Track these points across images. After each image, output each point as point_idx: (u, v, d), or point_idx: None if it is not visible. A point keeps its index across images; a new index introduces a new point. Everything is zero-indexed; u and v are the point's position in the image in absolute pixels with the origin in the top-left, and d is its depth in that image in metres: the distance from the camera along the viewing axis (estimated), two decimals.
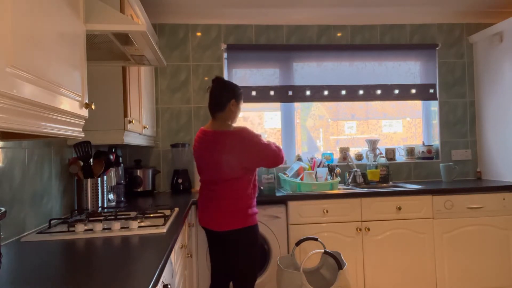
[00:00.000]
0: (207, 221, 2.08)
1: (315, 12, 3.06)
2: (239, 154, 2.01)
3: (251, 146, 2.02)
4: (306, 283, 1.84)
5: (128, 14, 2.06)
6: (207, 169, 2.08)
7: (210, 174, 2.07)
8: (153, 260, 1.10)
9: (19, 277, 1.00)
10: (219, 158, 2.02)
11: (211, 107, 2.13)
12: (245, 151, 2.01)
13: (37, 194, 1.67)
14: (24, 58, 0.91)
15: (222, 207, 2.02)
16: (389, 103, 3.55)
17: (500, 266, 2.68)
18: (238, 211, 2.02)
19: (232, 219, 2.00)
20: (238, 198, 2.03)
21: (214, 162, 2.03)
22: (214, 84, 2.15)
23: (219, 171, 2.03)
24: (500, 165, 3.08)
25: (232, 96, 2.11)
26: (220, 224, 2.02)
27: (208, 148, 2.06)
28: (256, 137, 2.05)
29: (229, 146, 2.01)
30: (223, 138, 2.04)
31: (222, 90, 2.12)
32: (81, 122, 1.33)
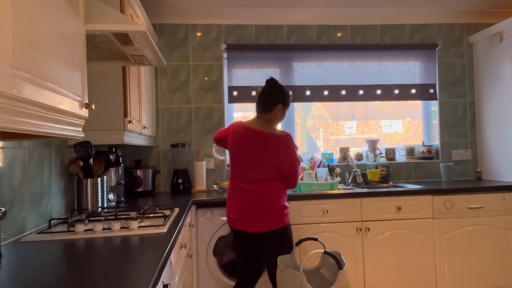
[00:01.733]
0: (243, 224, 2.08)
1: (315, 12, 3.06)
2: (280, 157, 2.06)
3: (291, 154, 2.08)
4: (306, 283, 1.83)
5: (128, 14, 2.06)
6: (245, 166, 2.10)
7: (247, 171, 2.08)
8: (153, 260, 1.10)
9: (19, 277, 1.00)
10: (262, 158, 2.05)
11: (258, 106, 2.16)
12: (285, 157, 2.07)
13: (37, 194, 1.67)
14: (24, 58, 0.91)
15: (261, 207, 2.05)
16: (389, 103, 3.55)
17: (500, 266, 2.68)
18: (277, 211, 2.06)
19: (272, 220, 2.05)
20: (277, 198, 2.07)
21: (256, 161, 2.06)
22: (266, 84, 2.18)
23: (259, 170, 2.06)
24: (500, 165, 3.08)
25: (280, 101, 2.13)
26: (258, 226, 2.05)
27: (250, 146, 2.09)
28: (296, 148, 2.12)
29: (273, 148, 2.06)
30: (268, 139, 2.08)
31: (272, 92, 2.15)
32: (81, 122, 1.33)
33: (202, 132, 3.15)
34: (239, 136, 2.15)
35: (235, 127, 2.20)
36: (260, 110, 2.16)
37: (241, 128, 2.17)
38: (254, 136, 2.11)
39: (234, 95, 3.16)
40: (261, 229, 2.05)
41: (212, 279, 2.47)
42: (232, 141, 2.18)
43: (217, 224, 2.49)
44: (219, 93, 3.18)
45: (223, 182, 2.92)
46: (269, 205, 2.06)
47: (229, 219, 2.18)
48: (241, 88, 3.17)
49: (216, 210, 2.50)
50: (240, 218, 2.10)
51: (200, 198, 2.53)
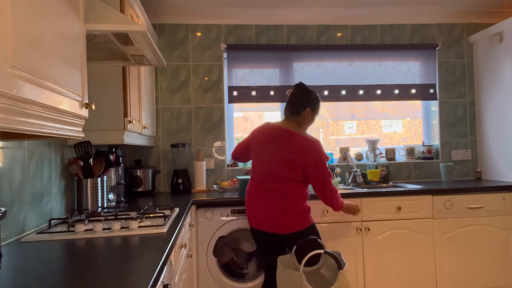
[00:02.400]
0: (263, 223, 2.09)
1: (315, 12, 3.06)
2: (308, 160, 2.06)
3: (319, 160, 2.08)
4: (306, 283, 1.83)
5: (128, 14, 2.06)
6: (270, 163, 2.11)
7: (273, 169, 2.09)
8: (153, 260, 1.10)
9: (19, 277, 1.00)
10: (289, 156, 2.06)
11: (287, 109, 2.20)
12: (312, 161, 2.07)
13: (37, 194, 1.67)
14: (24, 58, 0.91)
15: (282, 208, 2.05)
16: (389, 103, 3.55)
17: (500, 266, 2.68)
18: (297, 213, 2.07)
19: (292, 222, 2.06)
20: (299, 199, 2.08)
21: (283, 158, 2.07)
22: (295, 88, 2.22)
23: (283, 168, 2.06)
24: (500, 165, 3.08)
25: (309, 105, 2.17)
26: (279, 227, 2.06)
27: (278, 142, 2.10)
28: (325, 158, 2.12)
29: (301, 148, 2.06)
30: (297, 139, 2.09)
31: (301, 96, 2.18)
32: (81, 122, 1.33)
33: (202, 132, 3.15)
34: (266, 134, 2.17)
35: (261, 128, 2.24)
36: (289, 113, 2.19)
37: (269, 126, 2.20)
38: (283, 133, 2.13)
39: (234, 95, 3.16)
40: (281, 231, 2.07)
41: (212, 279, 2.47)
42: (257, 140, 2.20)
43: (217, 224, 2.49)
44: (219, 93, 3.18)
45: (223, 182, 2.92)
46: (290, 207, 2.07)
47: (250, 218, 2.18)
48: (241, 88, 3.17)
49: (216, 210, 2.50)
50: (260, 218, 2.11)
51: (200, 198, 2.53)
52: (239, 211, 2.51)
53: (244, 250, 2.63)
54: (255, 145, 2.21)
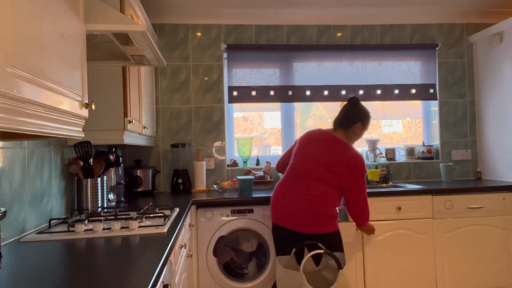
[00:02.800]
0: (291, 222, 2.09)
1: (315, 12, 3.06)
2: (347, 173, 2.08)
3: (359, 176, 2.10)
4: (306, 283, 1.83)
5: (128, 14, 2.06)
6: (309, 162, 2.13)
7: (309, 168, 2.11)
8: (152, 260, 1.10)
9: (19, 277, 1.00)
10: (330, 161, 2.09)
11: (337, 122, 2.23)
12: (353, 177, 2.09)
13: (37, 194, 1.67)
14: (24, 58, 0.91)
15: (308, 206, 2.05)
16: (389, 103, 3.55)
17: (500, 266, 2.68)
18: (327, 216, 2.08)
19: (318, 222, 2.06)
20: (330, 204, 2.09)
21: (323, 161, 2.09)
22: (348, 102, 2.26)
23: (321, 170, 2.08)
24: (500, 165, 3.08)
25: (360, 120, 2.20)
26: (306, 226, 2.06)
27: (323, 146, 2.14)
28: (364, 174, 2.13)
29: (345, 159, 2.08)
30: (345, 149, 2.11)
31: (353, 110, 2.21)
32: (81, 122, 1.33)
33: (202, 132, 3.15)
34: (315, 136, 2.22)
35: (310, 131, 2.29)
36: (338, 126, 2.22)
37: (320, 130, 2.25)
38: (333, 139, 2.16)
39: (234, 95, 3.16)
40: (303, 230, 2.06)
41: (212, 279, 2.47)
42: (303, 140, 2.24)
43: (217, 224, 2.49)
44: (219, 93, 3.18)
45: (223, 182, 2.92)
46: (318, 208, 2.06)
47: (275, 214, 2.18)
48: (241, 88, 3.17)
49: (216, 210, 2.50)
50: (286, 214, 2.11)
51: (200, 198, 2.53)
52: (239, 211, 2.51)
53: (244, 250, 2.63)
54: (300, 144, 2.24)
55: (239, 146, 3.18)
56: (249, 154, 3.19)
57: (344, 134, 2.21)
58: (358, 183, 2.12)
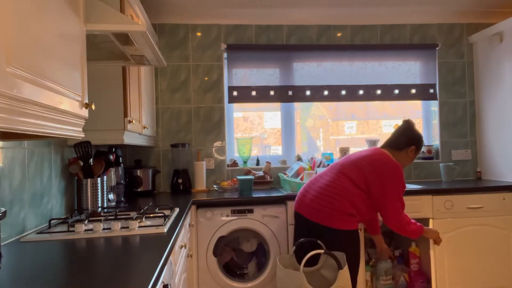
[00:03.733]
0: (310, 211, 2.10)
1: (315, 12, 3.06)
2: (375, 173, 2.07)
3: (388, 179, 2.06)
4: (306, 283, 1.83)
5: (128, 14, 2.06)
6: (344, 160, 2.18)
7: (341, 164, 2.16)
8: (153, 260, 1.10)
9: (19, 277, 1.00)
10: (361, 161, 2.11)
11: (389, 142, 2.24)
12: (381, 178, 2.06)
13: (37, 194, 1.67)
14: (24, 58, 0.91)
15: (333, 202, 2.05)
16: (389, 103, 3.55)
17: (500, 266, 2.68)
18: (345, 214, 2.03)
19: (338, 219, 2.03)
20: (350, 201, 2.05)
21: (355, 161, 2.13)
22: (403, 124, 2.28)
23: (350, 167, 2.11)
24: (500, 165, 3.08)
25: (414, 143, 2.21)
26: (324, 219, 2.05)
27: (363, 152, 2.20)
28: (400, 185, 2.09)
29: (376, 160, 2.10)
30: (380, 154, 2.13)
31: (408, 132, 2.23)
32: (81, 122, 1.33)
33: (202, 132, 3.15)
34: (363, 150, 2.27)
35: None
36: (390, 147, 2.22)
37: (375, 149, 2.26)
38: (376, 149, 2.20)
39: (234, 95, 3.16)
40: (321, 221, 2.05)
41: (212, 279, 2.47)
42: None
43: (217, 224, 2.49)
44: (219, 93, 3.18)
45: (223, 182, 2.92)
46: (337, 202, 2.04)
47: (297, 201, 2.22)
48: (241, 88, 3.17)
49: (216, 210, 2.50)
50: (307, 203, 2.12)
51: (200, 198, 2.53)
52: (239, 211, 2.51)
53: (244, 250, 2.63)
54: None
55: (239, 146, 3.18)
56: (249, 154, 3.19)
57: (393, 154, 2.19)
58: (384, 185, 2.05)
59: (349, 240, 2.06)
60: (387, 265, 2.63)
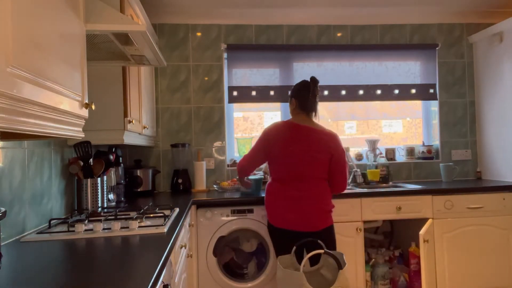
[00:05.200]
0: (299, 223, 2.10)
1: (315, 12, 3.06)
2: (331, 156, 2.14)
3: (341, 154, 2.16)
4: (306, 283, 1.83)
5: (128, 14, 2.06)
6: (298, 165, 2.11)
7: (301, 171, 2.11)
8: (152, 260, 1.10)
9: (19, 277, 1.00)
10: (315, 155, 2.10)
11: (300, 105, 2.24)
12: (336, 156, 2.14)
13: (37, 194, 1.67)
14: (24, 58, 0.91)
15: (316, 205, 2.09)
16: (389, 103, 3.55)
17: (500, 266, 2.68)
18: (330, 210, 2.15)
19: (326, 217, 2.13)
20: (329, 197, 2.16)
21: (310, 158, 2.11)
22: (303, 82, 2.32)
23: (311, 168, 2.11)
24: (500, 165, 3.08)
25: (293, 95, 2.30)
26: (317, 224, 2.10)
27: (303, 142, 2.12)
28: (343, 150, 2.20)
29: (324, 144, 2.12)
30: (320, 135, 2.14)
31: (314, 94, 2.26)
32: (81, 122, 1.33)
33: (202, 132, 3.15)
34: (289, 134, 2.14)
35: (278, 127, 2.19)
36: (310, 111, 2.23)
37: (288, 125, 2.17)
38: (306, 132, 2.14)
39: (234, 95, 3.16)
40: (315, 229, 2.10)
41: (212, 279, 2.47)
42: (279, 141, 2.14)
43: (217, 224, 2.49)
44: (219, 93, 3.18)
45: (223, 182, 2.92)
46: (323, 204, 2.12)
47: (285, 219, 2.12)
48: (241, 88, 3.17)
49: (216, 210, 2.50)
50: (295, 218, 2.10)
51: (200, 198, 2.53)
52: (239, 211, 2.51)
53: (244, 250, 2.63)
54: (278, 145, 2.14)
55: (239, 146, 3.18)
56: None
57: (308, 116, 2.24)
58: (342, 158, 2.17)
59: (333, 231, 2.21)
60: (384, 269, 2.63)
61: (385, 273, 2.62)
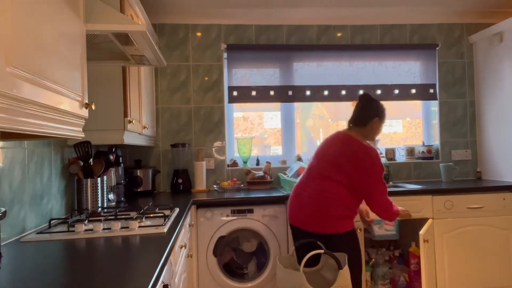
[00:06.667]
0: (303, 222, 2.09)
1: (315, 12, 3.06)
2: (354, 163, 2.04)
3: (367, 166, 2.04)
4: (306, 283, 1.83)
5: (128, 14, 2.06)
6: (317, 162, 2.14)
7: (317, 167, 2.13)
8: (153, 260, 1.10)
9: (19, 277, 1.00)
10: (337, 157, 2.08)
11: (352, 121, 2.21)
12: (359, 167, 2.04)
13: (37, 194, 1.67)
14: (24, 58, 0.91)
15: (320, 207, 2.03)
16: (389, 103, 3.55)
17: (500, 266, 2.68)
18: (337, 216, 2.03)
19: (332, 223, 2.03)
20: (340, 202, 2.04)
21: (330, 158, 2.09)
22: (360, 99, 2.25)
23: (328, 167, 2.08)
24: (500, 165, 3.08)
25: (376, 114, 2.18)
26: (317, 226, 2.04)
27: (332, 145, 2.14)
28: (379, 168, 2.06)
29: (352, 152, 2.06)
30: (352, 143, 2.10)
31: (368, 106, 2.20)
32: (81, 122, 1.33)
33: (202, 132, 3.15)
34: (330, 137, 2.21)
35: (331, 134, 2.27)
36: (354, 124, 2.20)
37: (336, 132, 2.23)
38: (341, 137, 2.15)
39: (234, 95, 3.16)
40: (315, 230, 2.05)
41: (212, 279, 2.47)
42: (320, 144, 2.24)
43: (217, 224, 2.49)
44: (219, 93, 3.18)
45: (223, 182, 2.92)
46: (324, 207, 2.03)
47: (289, 214, 2.18)
48: (241, 88, 3.17)
49: (216, 210, 2.50)
50: (298, 215, 2.11)
51: (200, 198, 2.53)
52: (239, 211, 2.51)
53: (244, 250, 2.63)
54: (318, 147, 2.25)
55: (239, 146, 3.18)
56: (249, 154, 3.19)
57: (360, 132, 2.17)
58: (366, 172, 2.03)
59: (351, 240, 2.06)
60: (384, 269, 2.63)
61: (385, 273, 2.62)
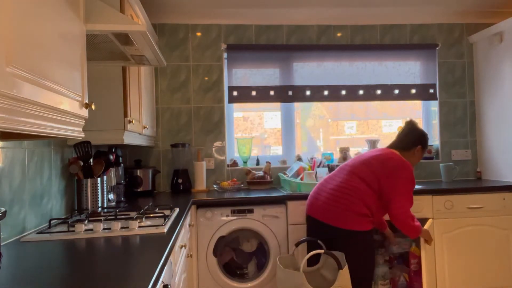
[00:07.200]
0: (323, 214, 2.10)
1: (315, 12, 3.06)
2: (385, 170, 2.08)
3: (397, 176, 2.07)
4: (306, 283, 1.83)
5: (128, 14, 2.06)
6: (352, 161, 2.20)
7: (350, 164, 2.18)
8: (153, 260, 1.10)
9: (19, 277, 1.00)
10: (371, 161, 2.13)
11: (396, 145, 2.27)
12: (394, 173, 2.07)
13: (37, 194, 1.67)
14: (24, 58, 0.91)
15: (344, 202, 2.05)
16: (389, 103, 3.55)
17: (500, 266, 2.68)
18: (357, 214, 2.02)
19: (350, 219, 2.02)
20: (362, 201, 2.04)
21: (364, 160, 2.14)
22: (406, 124, 2.32)
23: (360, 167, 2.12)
24: (500, 165, 3.08)
25: (420, 143, 2.26)
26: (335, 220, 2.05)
27: (373, 151, 2.22)
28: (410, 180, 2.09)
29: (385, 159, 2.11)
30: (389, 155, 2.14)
31: (413, 133, 2.28)
32: (81, 122, 1.33)
33: (202, 132, 3.15)
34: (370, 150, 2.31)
35: None
36: (396, 147, 2.26)
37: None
38: (386, 149, 2.23)
39: (234, 95, 3.16)
40: (332, 223, 2.04)
41: (212, 279, 2.47)
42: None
43: (217, 224, 2.49)
44: (219, 93, 3.18)
45: (223, 182, 2.92)
46: (348, 203, 2.04)
47: (308, 204, 2.23)
48: (241, 88, 3.17)
49: (216, 210, 2.50)
50: (320, 206, 2.12)
51: (200, 198, 2.53)
52: (239, 211, 2.51)
53: (244, 250, 2.63)
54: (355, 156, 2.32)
55: (239, 146, 3.18)
56: (249, 154, 3.19)
57: (402, 155, 2.22)
58: (394, 181, 2.05)
59: (365, 241, 2.05)
60: (384, 269, 2.63)
61: (385, 273, 2.62)
